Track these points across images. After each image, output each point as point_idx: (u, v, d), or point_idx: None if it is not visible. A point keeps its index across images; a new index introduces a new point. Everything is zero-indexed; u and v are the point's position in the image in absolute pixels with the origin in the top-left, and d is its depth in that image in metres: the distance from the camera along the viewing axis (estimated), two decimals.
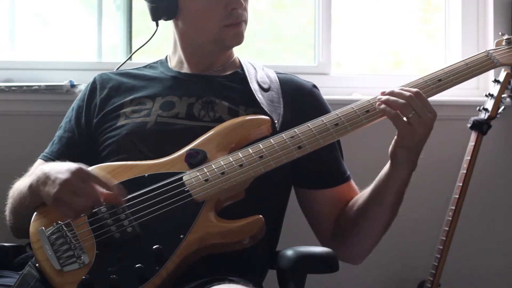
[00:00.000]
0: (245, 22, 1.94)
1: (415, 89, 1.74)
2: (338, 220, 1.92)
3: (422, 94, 1.73)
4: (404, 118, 1.71)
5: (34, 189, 1.68)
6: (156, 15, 1.97)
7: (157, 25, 2.03)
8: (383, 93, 1.76)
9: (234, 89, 1.95)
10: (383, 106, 1.74)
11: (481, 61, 1.85)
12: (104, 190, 1.61)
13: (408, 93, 1.72)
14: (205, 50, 1.97)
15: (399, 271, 2.56)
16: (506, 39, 1.92)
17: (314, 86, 2.03)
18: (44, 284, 1.60)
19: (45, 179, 1.65)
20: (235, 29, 1.91)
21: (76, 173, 1.62)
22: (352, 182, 1.97)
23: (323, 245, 1.95)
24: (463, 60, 1.85)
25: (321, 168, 1.92)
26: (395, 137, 1.74)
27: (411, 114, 1.70)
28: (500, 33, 2.01)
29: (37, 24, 2.72)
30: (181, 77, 1.99)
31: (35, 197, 1.69)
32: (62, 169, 1.64)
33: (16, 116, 2.42)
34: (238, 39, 1.93)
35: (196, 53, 1.99)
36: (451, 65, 1.83)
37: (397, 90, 1.75)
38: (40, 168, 1.71)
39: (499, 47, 1.92)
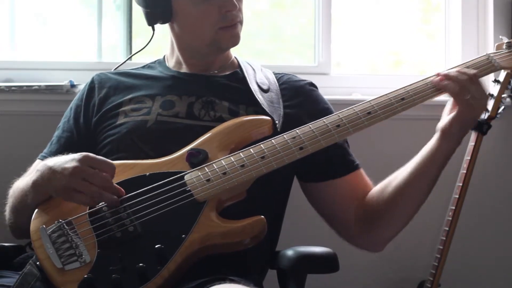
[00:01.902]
0: (241, 23, 1.94)
1: (472, 71, 1.79)
2: (365, 206, 1.89)
3: (477, 75, 1.79)
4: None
5: (39, 186, 1.68)
6: (152, 20, 1.97)
7: (153, 29, 2.03)
8: (438, 74, 1.80)
9: (234, 89, 1.95)
10: (446, 82, 1.77)
11: (482, 64, 1.86)
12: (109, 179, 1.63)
13: (463, 75, 1.78)
14: (202, 52, 1.97)
15: (399, 271, 2.56)
16: (506, 42, 1.93)
17: (312, 84, 2.03)
18: (45, 283, 1.59)
19: (50, 174, 1.65)
20: (230, 31, 1.91)
21: (83, 160, 1.63)
22: (363, 171, 1.95)
23: (343, 236, 1.94)
24: (464, 63, 1.86)
25: (330, 158, 1.90)
26: (454, 113, 1.77)
27: (469, 95, 1.74)
28: (500, 37, 2.01)
29: (37, 24, 2.72)
30: (181, 76, 1.99)
31: (39, 194, 1.69)
32: (67, 160, 1.65)
33: (16, 116, 2.42)
34: (234, 40, 1.93)
35: (194, 55, 1.99)
36: (452, 68, 1.84)
37: (453, 73, 1.79)
38: (42, 164, 1.71)
39: (500, 50, 1.93)
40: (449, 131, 1.78)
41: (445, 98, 1.95)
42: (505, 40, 1.95)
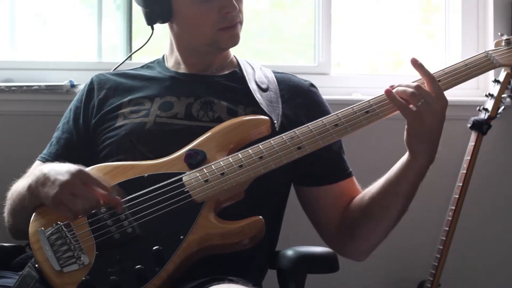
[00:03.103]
0: (241, 23, 1.94)
1: (429, 75, 1.73)
2: (345, 215, 1.90)
3: (436, 80, 1.73)
4: (413, 108, 1.70)
5: (33, 190, 1.68)
6: (151, 20, 1.97)
7: (152, 29, 2.04)
8: (391, 87, 1.75)
9: (233, 89, 1.95)
10: (392, 95, 1.73)
11: (480, 62, 1.85)
12: (103, 192, 1.61)
13: (417, 83, 1.72)
14: (201, 52, 1.97)
15: (399, 271, 2.56)
16: (505, 39, 1.92)
17: (312, 85, 2.03)
18: (43, 285, 1.59)
19: (44, 180, 1.64)
20: (230, 32, 1.91)
21: (76, 175, 1.62)
22: (354, 179, 1.96)
23: (327, 243, 1.94)
24: (463, 61, 1.85)
25: (323, 164, 1.91)
26: (406, 127, 1.73)
27: (420, 102, 1.69)
28: (499, 34, 2.00)
29: (37, 24, 2.72)
30: (179, 77, 1.99)
31: (34, 198, 1.68)
32: (62, 170, 1.64)
33: (16, 116, 2.43)
34: (234, 41, 1.93)
35: (193, 55, 1.99)
36: (451, 66, 1.83)
37: (405, 83, 1.74)
38: (39, 168, 1.71)
39: (499, 47, 1.92)
40: (409, 148, 1.75)
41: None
42: (504, 37, 1.94)
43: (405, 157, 1.78)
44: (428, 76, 1.73)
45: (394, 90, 1.73)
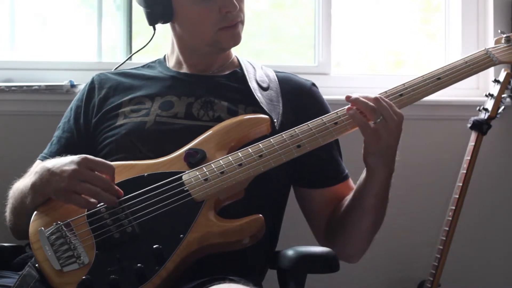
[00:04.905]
0: (242, 23, 1.94)
1: (377, 95, 1.73)
2: (330, 220, 1.92)
3: (384, 98, 1.73)
4: (371, 124, 1.70)
5: (38, 188, 1.68)
6: (152, 20, 1.97)
7: (154, 29, 2.04)
8: (348, 97, 1.75)
9: (233, 89, 1.95)
10: (351, 111, 1.73)
11: (480, 59, 1.86)
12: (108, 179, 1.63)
13: (373, 97, 1.72)
14: (202, 52, 1.97)
15: (399, 271, 2.56)
16: (505, 37, 1.92)
17: (313, 84, 2.03)
18: (43, 285, 1.59)
19: (49, 176, 1.65)
20: (230, 31, 1.91)
21: (82, 163, 1.63)
22: (350, 181, 1.97)
23: (319, 243, 1.96)
24: (463, 58, 1.85)
25: (319, 167, 1.92)
26: (363, 144, 1.74)
27: (379, 119, 1.70)
28: (499, 31, 2.00)
29: (37, 24, 2.72)
30: (180, 76, 1.99)
31: (38, 196, 1.69)
32: (66, 161, 1.65)
33: (16, 116, 2.42)
34: (235, 40, 1.93)
35: (194, 55, 1.99)
36: (451, 64, 1.84)
37: (361, 99, 1.73)
38: (41, 166, 1.71)
39: (498, 45, 1.92)
40: (366, 163, 1.76)
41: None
42: (504, 34, 1.94)
43: (364, 172, 1.79)
44: (372, 101, 1.72)
45: (354, 97, 1.73)
